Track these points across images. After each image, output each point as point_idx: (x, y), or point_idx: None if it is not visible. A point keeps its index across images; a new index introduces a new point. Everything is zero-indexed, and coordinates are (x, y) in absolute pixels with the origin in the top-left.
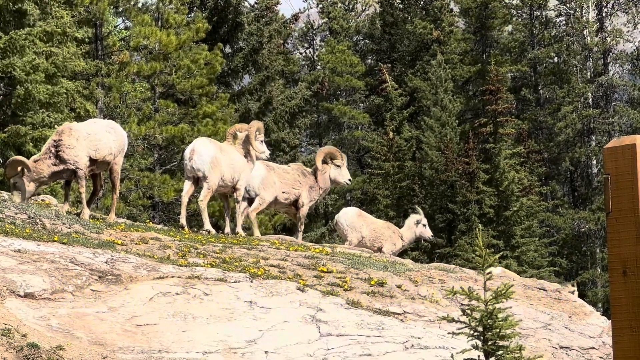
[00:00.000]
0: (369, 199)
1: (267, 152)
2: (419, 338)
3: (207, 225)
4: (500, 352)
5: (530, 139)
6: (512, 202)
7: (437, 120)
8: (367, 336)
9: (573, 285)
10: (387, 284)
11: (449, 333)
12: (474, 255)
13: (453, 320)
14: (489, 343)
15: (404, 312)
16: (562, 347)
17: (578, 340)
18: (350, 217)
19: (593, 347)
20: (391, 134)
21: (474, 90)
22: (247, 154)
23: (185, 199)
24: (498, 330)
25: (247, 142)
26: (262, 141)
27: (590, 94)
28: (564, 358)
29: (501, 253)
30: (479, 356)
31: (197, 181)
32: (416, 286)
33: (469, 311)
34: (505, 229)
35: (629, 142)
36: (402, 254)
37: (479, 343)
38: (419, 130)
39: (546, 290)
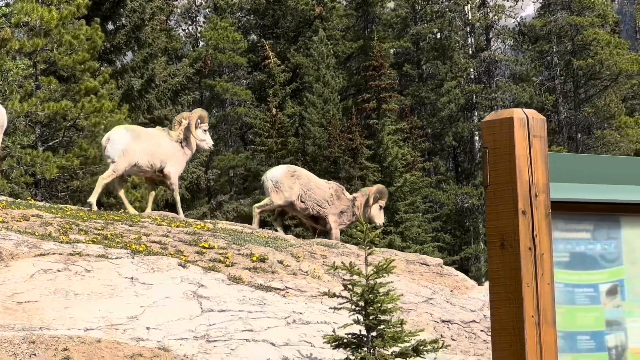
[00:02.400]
0: (252, 175)
1: (210, 142)
2: (300, 313)
3: (93, 198)
4: (381, 327)
5: (413, 115)
6: (395, 177)
7: (320, 97)
8: (249, 312)
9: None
10: (269, 259)
11: (330, 308)
12: (355, 230)
13: (335, 295)
14: (371, 317)
15: (286, 287)
16: (443, 321)
17: (459, 314)
18: None
19: (474, 321)
20: (274, 110)
21: (357, 66)
22: (184, 141)
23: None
24: (379, 304)
25: (187, 129)
26: (205, 130)
27: (472, 70)
28: (445, 332)
29: (383, 228)
30: (360, 331)
31: None
32: (298, 262)
33: (350, 286)
34: (388, 204)
35: (506, 115)
36: (285, 229)
37: (361, 318)
38: (301, 107)
39: (428, 265)
